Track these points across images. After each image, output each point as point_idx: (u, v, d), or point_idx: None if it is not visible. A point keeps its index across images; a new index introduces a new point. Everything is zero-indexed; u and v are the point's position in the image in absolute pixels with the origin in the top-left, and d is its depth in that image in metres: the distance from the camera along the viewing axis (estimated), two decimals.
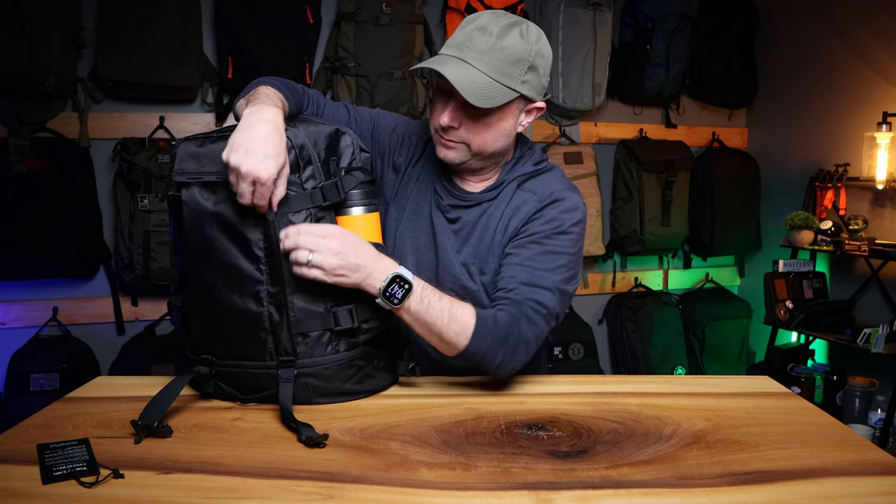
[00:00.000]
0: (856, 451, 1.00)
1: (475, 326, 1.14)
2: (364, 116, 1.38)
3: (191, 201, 1.10)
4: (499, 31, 1.15)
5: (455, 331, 1.14)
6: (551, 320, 1.23)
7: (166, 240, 2.63)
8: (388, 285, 1.09)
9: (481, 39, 1.15)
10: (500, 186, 1.30)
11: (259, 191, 1.03)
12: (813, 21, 3.34)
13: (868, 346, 2.68)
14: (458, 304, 1.16)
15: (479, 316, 1.15)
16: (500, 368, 1.18)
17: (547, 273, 1.22)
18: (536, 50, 1.18)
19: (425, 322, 1.13)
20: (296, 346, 1.12)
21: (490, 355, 1.16)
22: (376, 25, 2.82)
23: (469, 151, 1.24)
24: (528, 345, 1.19)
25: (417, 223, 1.33)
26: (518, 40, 1.16)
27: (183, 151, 1.12)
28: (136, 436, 1.02)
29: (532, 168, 1.31)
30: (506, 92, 1.17)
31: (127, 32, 2.56)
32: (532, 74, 1.19)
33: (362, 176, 1.16)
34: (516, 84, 1.17)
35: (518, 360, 1.19)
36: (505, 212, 1.28)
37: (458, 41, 1.18)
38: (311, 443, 1.00)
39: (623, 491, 0.87)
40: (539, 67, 1.20)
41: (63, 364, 2.53)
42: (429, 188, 1.33)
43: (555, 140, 3.36)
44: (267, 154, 1.03)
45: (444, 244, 1.30)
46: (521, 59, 1.17)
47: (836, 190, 3.13)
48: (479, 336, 1.14)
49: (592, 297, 3.59)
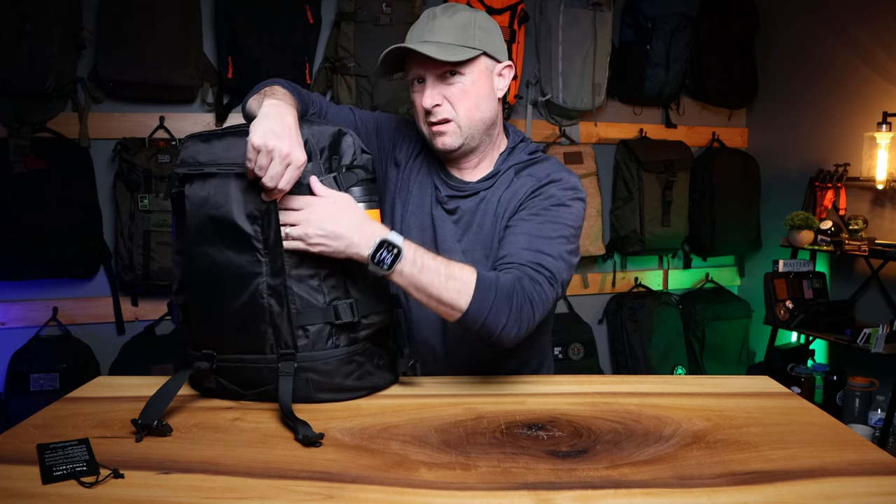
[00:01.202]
0: (856, 451, 1.00)
1: (476, 283, 1.10)
2: (367, 117, 1.43)
3: (193, 195, 1.12)
4: (442, 11, 1.27)
5: (455, 288, 1.09)
6: (556, 285, 1.18)
7: (166, 240, 2.63)
8: (375, 251, 1.08)
9: (430, 22, 1.26)
10: (496, 175, 1.33)
11: (290, 174, 1.06)
12: (813, 21, 3.34)
13: (868, 346, 2.68)
14: (456, 263, 1.13)
15: (480, 274, 1.12)
16: (507, 331, 1.12)
17: (549, 240, 1.21)
18: (482, 16, 1.29)
19: (421, 285, 1.10)
20: (296, 339, 1.12)
21: (495, 315, 1.10)
22: (376, 25, 2.82)
23: (460, 129, 1.27)
24: (535, 305, 1.14)
25: (420, 217, 1.36)
26: (462, 12, 1.27)
27: (188, 146, 1.15)
28: (136, 434, 1.02)
29: (527, 157, 1.34)
30: (467, 50, 1.24)
31: (127, 32, 2.56)
32: (485, 34, 1.27)
33: (363, 173, 1.18)
34: (474, 42, 1.25)
35: (525, 322, 1.13)
36: (503, 196, 1.30)
37: (414, 32, 1.28)
38: (308, 442, 1.00)
39: (623, 491, 0.87)
40: (490, 30, 1.29)
41: (63, 364, 2.53)
42: (429, 182, 1.36)
43: (555, 140, 3.36)
44: (299, 141, 1.08)
45: (444, 236, 1.32)
46: (470, 23, 1.26)
47: (836, 190, 3.13)
48: (480, 293, 1.10)
49: (592, 297, 3.59)
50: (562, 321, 3.32)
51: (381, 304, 1.21)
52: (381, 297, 1.20)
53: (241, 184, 1.09)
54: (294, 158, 1.05)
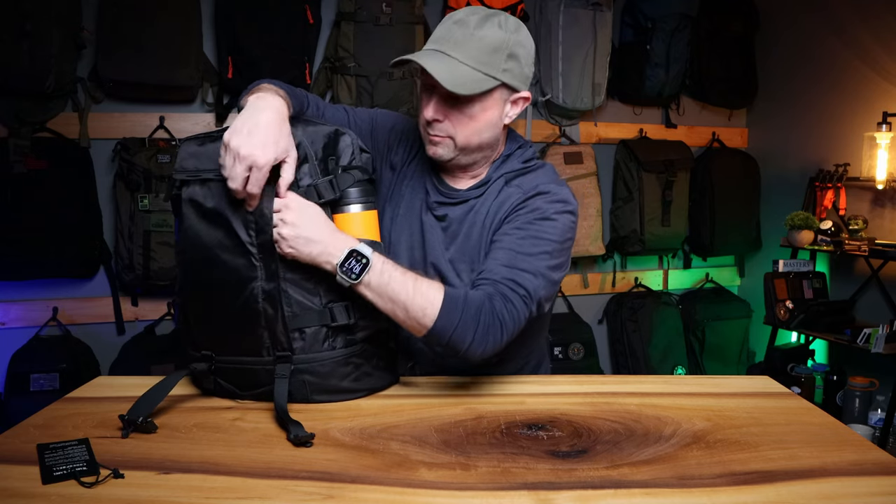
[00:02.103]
0: (856, 451, 1.00)
1: (443, 301, 1.09)
2: (363, 117, 1.39)
3: (189, 199, 1.12)
4: (476, 22, 1.17)
5: (420, 305, 1.08)
6: (530, 303, 1.16)
7: (166, 240, 2.63)
8: (344, 260, 1.07)
9: (459, 31, 1.16)
10: (487, 184, 1.29)
11: (253, 176, 1.04)
12: (813, 21, 3.34)
13: (868, 346, 2.68)
14: (424, 280, 1.12)
15: (448, 291, 1.11)
16: (473, 350, 1.11)
17: (528, 257, 1.18)
18: (516, 39, 1.19)
19: (388, 297, 1.09)
20: (292, 341, 1.12)
21: (460, 333, 1.09)
22: (376, 25, 2.82)
23: (455, 146, 1.24)
24: (504, 324, 1.12)
25: (410, 221, 1.33)
26: (496, 30, 1.17)
27: (184, 150, 1.16)
28: (122, 430, 1.03)
29: (520, 165, 1.30)
30: (486, 79, 1.17)
31: (127, 32, 2.56)
32: (513, 62, 1.19)
33: (359, 174, 1.16)
34: (497, 72, 1.17)
35: (492, 341, 1.12)
36: (491, 207, 1.27)
37: (438, 36, 1.19)
38: (298, 442, 1.00)
39: (623, 491, 0.87)
40: (520, 56, 1.20)
41: (63, 364, 2.53)
42: (421, 186, 1.34)
43: (555, 140, 3.36)
44: (267, 141, 1.04)
45: (433, 242, 1.29)
46: (500, 48, 1.17)
47: (836, 190, 3.13)
48: (447, 311, 1.08)
49: (592, 297, 3.59)
50: (562, 321, 3.32)
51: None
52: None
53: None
54: (255, 160, 1.02)
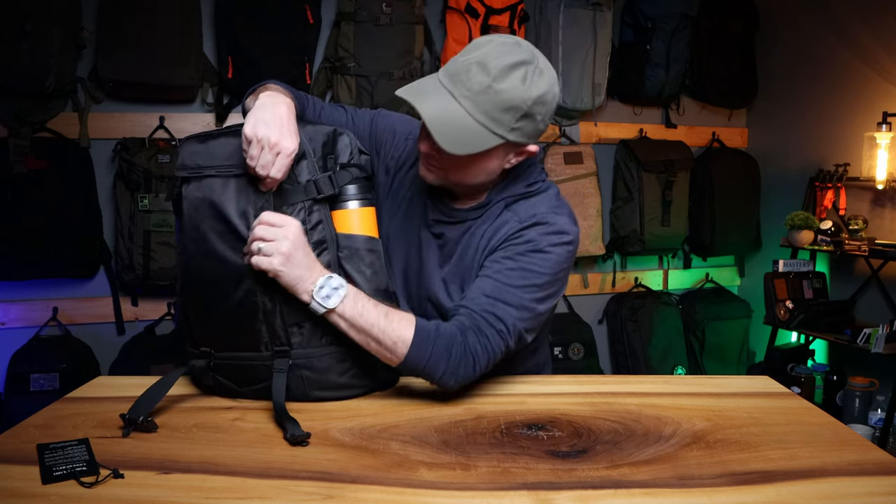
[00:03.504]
0: (856, 451, 1.00)
1: (414, 335, 1.10)
2: (363, 118, 1.37)
3: (190, 195, 1.14)
4: (499, 72, 1.06)
5: (392, 339, 1.10)
6: (507, 337, 1.15)
7: (166, 240, 2.63)
8: (319, 288, 1.08)
9: (478, 77, 1.06)
10: (487, 206, 1.24)
11: (280, 162, 1.07)
12: (813, 21, 3.34)
13: (868, 346, 2.68)
14: (396, 312, 1.13)
15: (419, 325, 1.11)
16: (444, 380, 1.12)
17: (514, 289, 1.15)
18: (537, 97, 1.09)
19: (361, 328, 1.10)
20: (290, 336, 1.13)
21: (432, 366, 1.11)
22: (376, 25, 2.82)
23: (446, 180, 1.20)
24: (476, 357, 1.13)
25: (407, 234, 1.30)
26: (517, 85, 1.07)
27: (186, 148, 1.17)
28: (123, 429, 1.03)
29: (523, 190, 1.24)
30: (491, 137, 1.09)
31: (127, 32, 2.56)
32: (526, 122, 1.11)
33: (358, 172, 1.18)
34: (504, 131, 1.09)
35: (464, 373, 1.12)
36: (487, 231, 1.23)
37: (455, 70, 1.10)
38: (294, 441, 1.00)
39: (623, 491, 0.87)
40: (536, 115, 1.11)
41: (63, 364, 2.53)
42: (420, 201, 1.30)
43: (555, 140, 3.36)
44: (292, 130, 1.09)
45: (427, 258, 1.27)
46: (516, 107, 1.08)
47: (836, 190, 3.13)
48: (417, 346, 1.10)
49: (592, 297, 3.59)
50: (562, 321, 3.32)
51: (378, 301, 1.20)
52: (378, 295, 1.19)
53: (237, 184, 1.12)
54: (283, 147, 1.06)
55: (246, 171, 1.10)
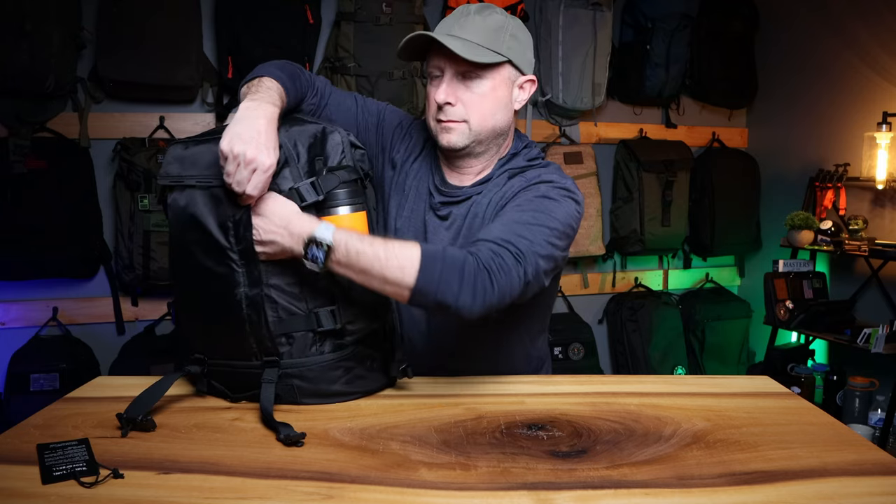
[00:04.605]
0: (856, 451, 1.00)
1: (421, 257, 1.05)
2: (371, 109, 1.39)
3: (174, 204, 1.12)
4: (476, 9, 1.24)
5: (397, 266, 1.04)
6: (523, 262, 1.09)
7: (166, 240, 2.63)
8: (305, 249, 1.05)
9: (461, 18, 1.23)
10: (489, 180, 1.30)
11: (256, 178, 1.04)
12: (813, 21, 3.34)
13: (868, 346, 2.68)
14: (397, 242, 1.08)
15: (424, 247, 1.07)
16: (463, 302, 1.04)
17: (527, 226, 1.14)
18: (515, 24, 1.26)
19: (361, 269, 1.05)
20: (278, 346, 1.12)
21: (445, 286, 1.04)
22: (376, 25, 2.82)
23: (469, 131, 1.25)
24: (492, 274, 1.06)
25: (414, 223, 1.34)
26: (496, 15, 1.24)
27: (170, 153, 1.15)
28: (121, 429, 1.03)
29: (524, 163, 1.31)
30: (494, 54, 1.22)
31: (127, 32, 2.56)
32: (515, 43, 1.25)
33: (346, 175, 1.13)
34: (502, 48, 1.22)
35: (481, 292, 1.05)
36: (493, 198, 1.28)
37: (439, 26, 1.25)
38: (289, 441, 1.00)
39: (623, 491, 0.87)
40: (521, 39, 1.26)
41: (63, 364, 2.53)
42: (424, 188, 1.34)
43: (555, 140, 3.36)
44: (269, 145, 1.06)
45: (435, 241, 1.30)
46: (502, 28, 1.23)
47: (836, 190, 3.13)
48: (425, 267, 1.04)
49: (592, 297, 3.59)
50: (562, 321, 3.32)
51: (369, 309, 1.17)
52: (369, 302, 1.16)
53: (216, 194, 1.09)
54: (259, 163, 1.03)
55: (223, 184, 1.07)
